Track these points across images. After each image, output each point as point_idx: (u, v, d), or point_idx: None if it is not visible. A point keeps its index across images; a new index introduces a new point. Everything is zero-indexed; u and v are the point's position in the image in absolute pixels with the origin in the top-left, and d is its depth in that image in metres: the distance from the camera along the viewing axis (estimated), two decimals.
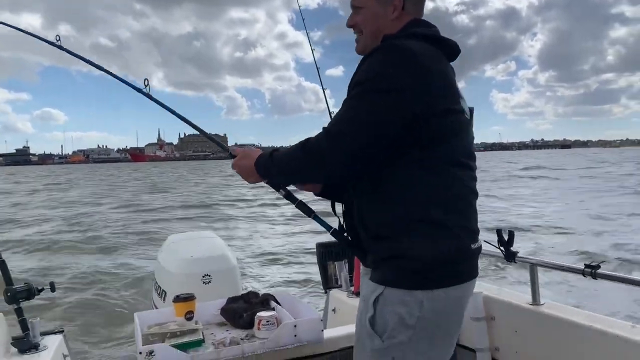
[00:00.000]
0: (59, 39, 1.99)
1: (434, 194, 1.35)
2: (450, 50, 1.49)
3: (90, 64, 2.04)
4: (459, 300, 1.40)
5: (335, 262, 2.59)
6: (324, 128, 1.39)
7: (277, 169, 1.48)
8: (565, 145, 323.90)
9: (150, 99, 1.92)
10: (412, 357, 1.37)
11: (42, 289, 2.12)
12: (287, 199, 1.63)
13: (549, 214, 13.95)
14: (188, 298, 2.16)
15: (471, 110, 1.54)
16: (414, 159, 1.36)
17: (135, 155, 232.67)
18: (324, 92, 2.91)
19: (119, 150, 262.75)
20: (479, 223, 1.47)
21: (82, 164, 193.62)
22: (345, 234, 1.57)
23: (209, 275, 2.34)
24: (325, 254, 1.71)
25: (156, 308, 2.48)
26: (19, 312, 2.07)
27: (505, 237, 2.06)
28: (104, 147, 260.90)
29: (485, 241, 2.13)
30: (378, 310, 1.38)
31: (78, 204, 21.94)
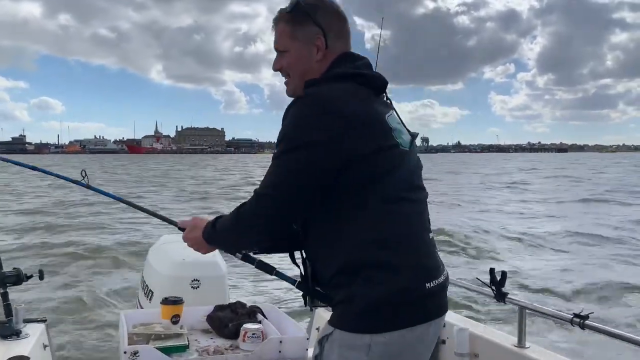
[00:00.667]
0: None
1: (372, 236, 1.32)
2: (376, 84, 1.47)
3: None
4: (416, 342, 1.34)
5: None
6: (254, 191, 1.41)
7: (220, 239, 1.52)
8: (561, 149, 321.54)
9: (90, 189, 2.00)
10: None
11: (31, 276, 2.11)
12: (244, 261, 1.67)
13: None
14: (177, 301, 2.15)
15: (413, 136, 1.50)
16: (346, 204, 1.35)
17: (132, 147, 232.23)
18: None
19: (115, 142, 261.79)
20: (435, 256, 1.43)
21: (78, 154, 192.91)
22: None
23: (198, 280, 2.32)
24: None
25: (141, 307, 2.46)
26: (4, 296, 2.06)
27: (498, 277, 2.08)
28: (101, 137, 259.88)
29: (477, 279, 2.13)
30: (325, 351, 1.37)
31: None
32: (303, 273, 1.53)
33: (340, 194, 1.33)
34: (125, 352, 1.82)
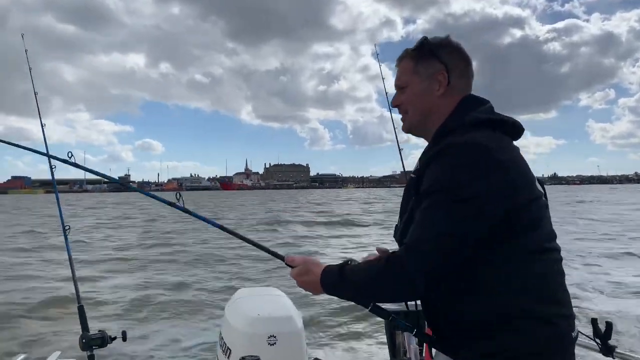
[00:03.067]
0: (71, 156, 2.00)
1: (526, 285, 1.30)
2: (515, 130, 1.45)
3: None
4: None
5: (405, 332, 2.40)
6: (405, 243, 1.32)
7: (352, 289, 1.41)
8: None
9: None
10: None
11: (115, 338, 2.15)
12: (357, 303, 1.54)
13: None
14: None
15: (541, 183, 1.47)
16: (500, 253, 1.32)
17: (224, 183, 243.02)
18: (393, 126, 2.90)
19: (209, 179, 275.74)
20: None
21: (175, 190, 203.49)
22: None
23: (275, 337, 2.24)
24: (395, 322, 1.58)
25: None
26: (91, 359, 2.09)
27: (602, 328, 1.83)
28: (196, 175, 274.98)
29: (579, 331, 1.91)
30: None
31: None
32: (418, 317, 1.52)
33: (487, 244, 1.29)
34: None
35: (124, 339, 2.19)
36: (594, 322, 1.86)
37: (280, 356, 2.24)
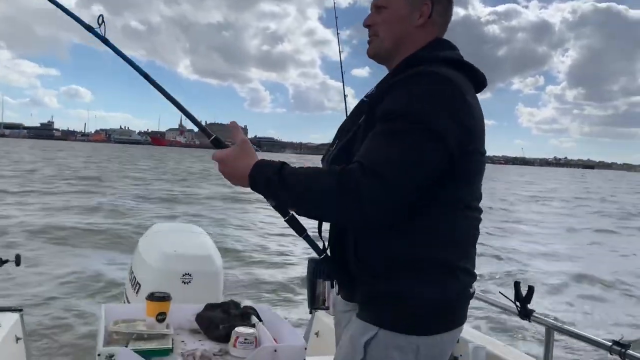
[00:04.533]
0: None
1: (449, 236, 1.28)
2: (480, 81, 1.38)
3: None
4: (449, 344, 1.33)
5: (326, 282, 2.35)
6: (358, 162, 1.18)
7: (289, 196, 1.24)
8: (588, 165, 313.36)
9: (106, 44, 1.54)
10: None
11: (6, 261, 1.94)
12: (276, 210, 1.39)
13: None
14: (163, 298, 1.95)
15: None
16: (434, 199, 1.24)
17: (156, 139, 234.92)
18: (345, 97, 2.89)
19: (140, 133, 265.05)
20: None
21: (103, 142, 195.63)
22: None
23: (190, 275, 2.12)
24: (316, 271, 1.49)
25: (127, 300, 2.28)
26: None
27: (524, 292, 1.86)
28: (126, 128, 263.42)
29: (500, 293, 1.96)
30: (369, 354, 1.26)
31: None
32: (324, 246, 1.40)
33: (433, 189, 1.22)
34: (99, 355, 1.63)
35: (17, 263, 1.97)
36: (516, 285, 1.89)
37: (194, 296, 2.13)
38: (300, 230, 1.42)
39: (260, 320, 2.07)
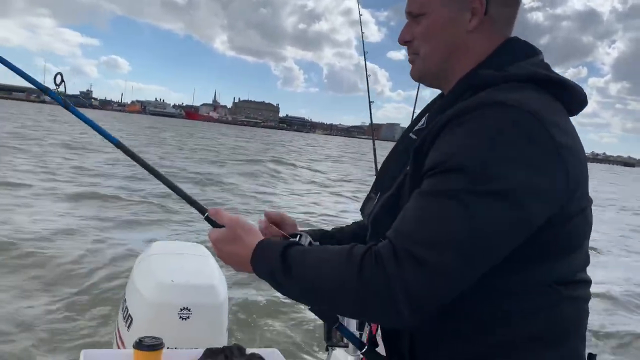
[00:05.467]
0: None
1: (532, 326, 0.91)
2: (576, 101, 0.99)
3: None
4: None
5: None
6: (389, 241, 0.85)
7: (294, 288, 0.95)
8: (628, 163, 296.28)
9: (67, 109, 1.32)
10: None
11: None
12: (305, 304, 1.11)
13: None
14: (154, 346, 1.66)
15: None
16: (505, 279, 0.89)
17: (190, 113, 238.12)
18: (367, 78, 2.69)
19: (174, 106, 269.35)
20: None
21: (138, 114, 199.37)
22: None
23: (189, 310, 1.83)
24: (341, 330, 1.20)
25: (119, 335, 2.01)
26: None
27: None
28: (162, 100, 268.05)
29: None
30: None
31: None
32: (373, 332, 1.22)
33: (504, 264, 0.87)
34: None
35: None
36: (590, 358, 1.51)
37: (193, 334, 1.84)
38: (332, 321, 1.15)
39: None
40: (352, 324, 1.40)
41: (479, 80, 0.95)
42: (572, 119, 0.96)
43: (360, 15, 2.86)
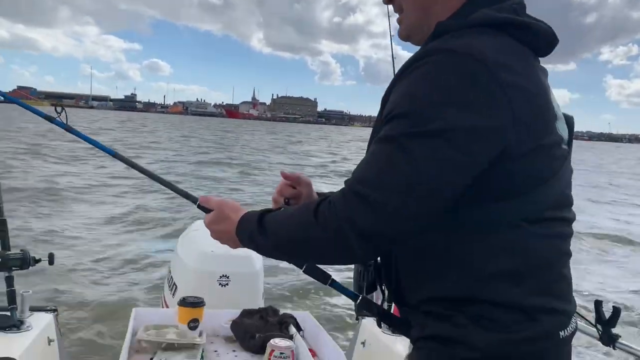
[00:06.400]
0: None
1: (502, 264, 0.94)
2: (542, 41, 1.01)
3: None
4: None
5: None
6: (347, 185, 0.93)
7: (270, 244, 1.03)
8: None
9: (70, 132, 1.55)
10: None
11: (39, 260, 1.89)
12: (289, 262, 1.20)
13: None
14: (196, 304, 1.82)
15: (570, 124, 1.06)
16: (472, 218, 0.94)
17: (230, 111, 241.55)
18: (392, 61, 2.71)
19: (215, 106, 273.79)
20: None
21: (180, 114, 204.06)
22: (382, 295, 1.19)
23: (227, 277, 1.98)
24: (364, 276, 1.27)
25: (165, 303, 2.19)
26: (8, 281, 1.84)
27: (607, 314, 1.52)
28: (202, 101, 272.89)
29: (577, 313, 1.63)
30: None
31: None
32: (370, 280, 1.20)
33: (468, 204, 0.93)
34: None
35: (51, 262, 1.91)
36: (597, 304, 1.55)
37: (231, 299, 1.98)
38: (324, 278, 1.22)
39: (299, 329, 1.90)
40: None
41: (439, 30, 0.98)
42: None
43: None
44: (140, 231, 7.98)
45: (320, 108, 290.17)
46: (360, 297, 1.21)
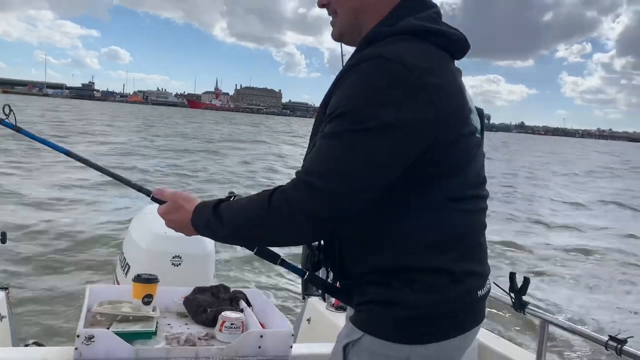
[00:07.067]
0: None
1: (430, 238, 1.12)
2: (457, 47, 1.18)
3: None
4: (455, 352, 1.19)
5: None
6: (297, 175, 1.07)
7: (226, 231, 1.15)
8: (634, 138, 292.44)
9: (20, 132, 1.56)
10: None
11: None
12: (241, 245, 1.33)
13: None
14: (150, 280, 1.92)
15: (481, 115, 1.23)
16: (407, 199, 1.11)
17: (192, 101, 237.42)
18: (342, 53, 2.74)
19: (176, 95, 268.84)
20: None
21: (140, 104, 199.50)
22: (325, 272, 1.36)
23: (180, 257, 2.08)
24: (310, 257, 1.42)
25: (117, 282, 2.27)
26: None
27: (519, 284, 1.76)
28: (163, 90, 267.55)
29: (494, 283, 1.87)
30: (349, 358, 1.16)
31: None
32: (316, 259, 1.32)
33: (401, 188, 1.08)
34: (78, 336, 1.62)
35: (3, 240, 1.97)
36: (511, 276, 1.80)
37: (184, 279, 2.09)
38: (274, 258, 1.35)
39: (249, 305, 2.03)
40: None
41: (370, 36, 1.14)
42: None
43: None
44: (96, 211, 8.11)
45: (285, 99, 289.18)
46: (307, 274, 1.35)
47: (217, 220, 1.15)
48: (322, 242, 1.29)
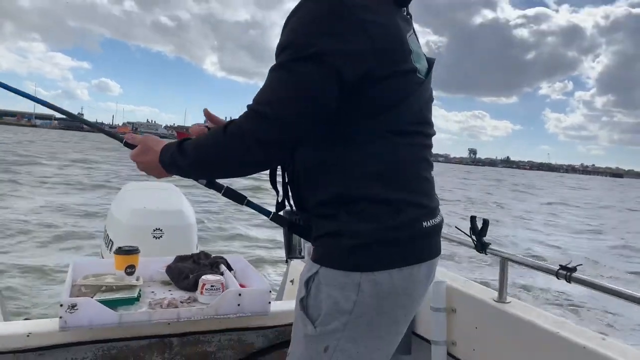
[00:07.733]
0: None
1: (372, 168, 1.19)
2: None
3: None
4: (408, 283, 1.22)
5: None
6: (248, 106, 1.18)
7: (189, 161, 1.25)
8: (616, 174, 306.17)
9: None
10: (348, 347, 1.19)
11: None
12: (210, 187, 1.43)
13: None
14: (130, 251, 1.98)
15: (431, 63, 1.32)
16: (347, 131, 1.19)
17: (181, 133, 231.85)
18: None
19: (166, 127, 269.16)
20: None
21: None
22: (290, 210, 1.41)
23: (161, 230, 2.14)
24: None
25: (101, 256, 2.32)
26: None
27: (479, 226, 1.85)
28: (153, 122, 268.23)
29: (456, 227, 1.89)
30: (312, 293, 1.23)
31: None
32: (280, 199, 1.40)
33: (342, 120, 1.17)
34: (61, 305, 1.66)
35: None
36: (472, 219, 1.89)
37: (166, 250, 2.15)
38: (240, 199, 1.44)
39: (230, 269, 2.09)
40: None
41: None
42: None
43: None
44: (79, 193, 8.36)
45: None
46: (272, 213, 1.45)
47: (181, 154, 1.25)
48: (285, 180, 1.37)
